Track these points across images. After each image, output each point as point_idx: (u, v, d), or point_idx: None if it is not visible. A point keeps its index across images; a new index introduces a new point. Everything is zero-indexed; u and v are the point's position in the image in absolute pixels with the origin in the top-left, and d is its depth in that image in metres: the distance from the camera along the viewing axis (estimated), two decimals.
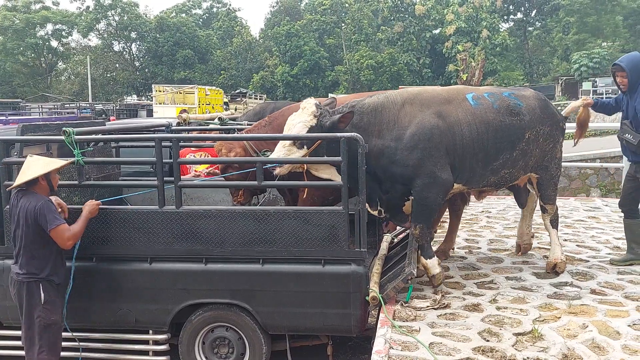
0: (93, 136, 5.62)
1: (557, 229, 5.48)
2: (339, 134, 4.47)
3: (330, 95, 44.94)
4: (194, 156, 6.66)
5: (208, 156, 6.49)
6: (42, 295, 4.23)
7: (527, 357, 3.68)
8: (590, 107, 5.52)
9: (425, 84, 45.97)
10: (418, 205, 4.84)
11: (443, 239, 6.08)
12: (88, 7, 60.80)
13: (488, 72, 47.07)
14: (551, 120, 5.17)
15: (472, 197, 6.04)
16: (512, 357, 3.68)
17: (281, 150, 4.62)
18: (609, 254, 5.94)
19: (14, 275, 4.26)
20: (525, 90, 5.39)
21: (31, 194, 4.22)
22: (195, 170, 6.37)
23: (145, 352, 4.89)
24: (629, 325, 4.10)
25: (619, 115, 5.64)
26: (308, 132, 4.57)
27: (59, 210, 4.35)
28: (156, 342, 4.83)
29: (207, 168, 6.28)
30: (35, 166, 4.23)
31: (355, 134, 4.46)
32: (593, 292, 4.81)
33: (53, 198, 4.41)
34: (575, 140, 5.63)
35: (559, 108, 5.88)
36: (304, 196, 5.29)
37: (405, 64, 51.95)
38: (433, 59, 52.39)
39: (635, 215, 5.51)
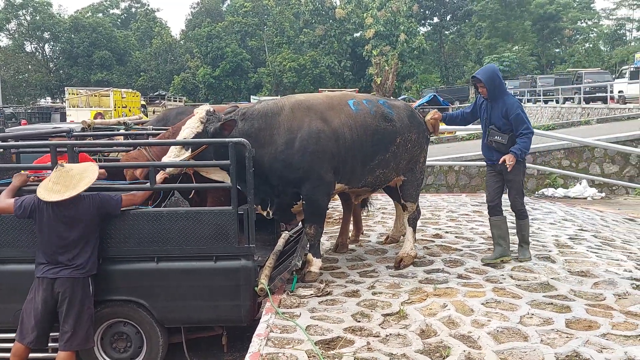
0: None
1: (414, 227, 5.99)
2: (227, 139, 4.84)
3: (252, 97, 45.04)
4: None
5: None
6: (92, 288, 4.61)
7: (390, 334, 4.18)
8: (440, 120, 6.05)
9: (347, 86, 46.94)
10: (309, 207, 5.28)
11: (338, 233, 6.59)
12: None
13: (406, 74, 48.71)
14: (417, 129, 5.83)
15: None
16: (377, 334, 4.17)
17: (172, 152, 4.99)
18: (482, 243, 6.61)
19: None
20: (396, 101, 6.19)
21: None
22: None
23: (44, 351, 5.03)
24: (482, 304, 4.68)
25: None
26: (195, 136, 4.98)
27: None
28: (54, 340, 4.98)
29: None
30: None
31: (243, 139, 4.83)
32: (459, 276, 5.41)
33: None
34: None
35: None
36: (210, 198, 5.69)
37: (327, 67, 52.89)
38: (354, 61, 53.56)
39: (500, 212, 5.82)
